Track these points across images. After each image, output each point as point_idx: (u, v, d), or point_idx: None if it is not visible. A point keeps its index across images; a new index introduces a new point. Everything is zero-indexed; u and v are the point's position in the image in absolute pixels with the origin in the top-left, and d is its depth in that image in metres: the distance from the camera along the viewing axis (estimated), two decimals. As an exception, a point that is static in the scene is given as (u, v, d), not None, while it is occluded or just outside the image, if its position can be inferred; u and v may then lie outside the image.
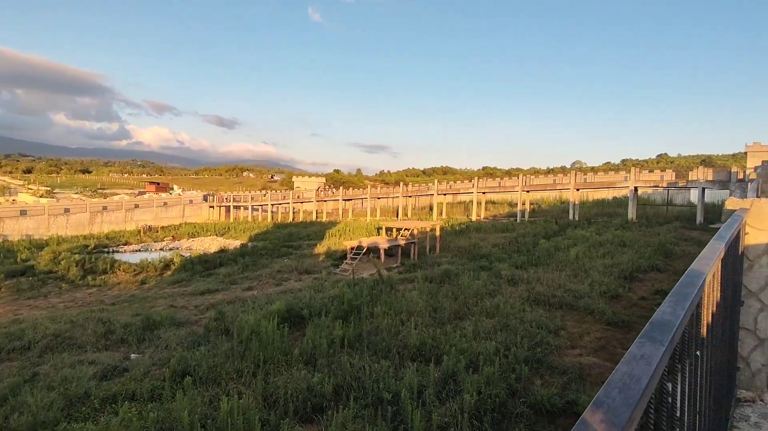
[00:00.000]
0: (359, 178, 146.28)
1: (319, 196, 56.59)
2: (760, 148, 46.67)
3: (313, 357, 8.16)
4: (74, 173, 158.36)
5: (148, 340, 10.61)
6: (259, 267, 23.14)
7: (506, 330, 9.03)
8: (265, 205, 57.80)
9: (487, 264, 17.74)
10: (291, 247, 29.76)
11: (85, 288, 21.62)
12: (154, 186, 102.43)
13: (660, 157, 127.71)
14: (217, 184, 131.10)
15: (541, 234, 24.60)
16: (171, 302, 15.88)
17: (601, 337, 8.95)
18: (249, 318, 10.12)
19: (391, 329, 9.32)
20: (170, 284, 20.90)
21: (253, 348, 8.45)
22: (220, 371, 7.67)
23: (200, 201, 60.34)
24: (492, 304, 10.76)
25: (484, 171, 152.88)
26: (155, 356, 9.21)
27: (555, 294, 11.35)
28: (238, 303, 14.24)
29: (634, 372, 0.68)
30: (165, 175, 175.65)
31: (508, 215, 41.79)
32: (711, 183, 29.95)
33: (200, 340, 10.01)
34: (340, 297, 12.08)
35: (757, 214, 2.57)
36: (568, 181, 37.21)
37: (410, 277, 16.25)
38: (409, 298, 11.88)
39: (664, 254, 17.10)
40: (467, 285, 12.93)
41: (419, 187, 56.79)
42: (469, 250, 22.40)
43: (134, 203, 54.62)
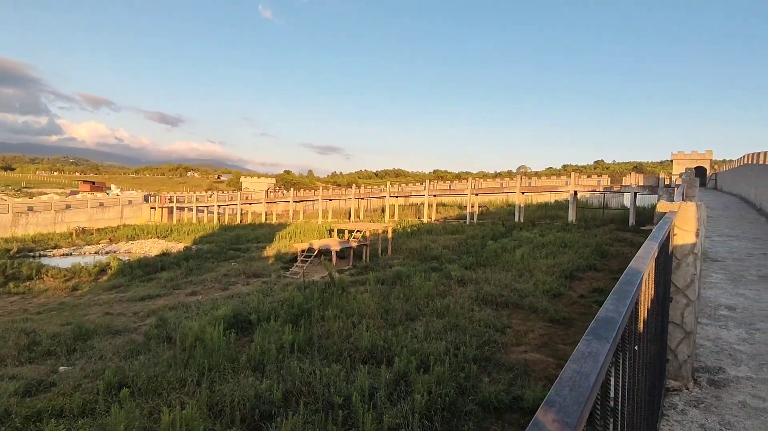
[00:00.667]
0: (311, 179, 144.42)
1: (269, 197, 55.28)
2: (683, 156, 50.99)
3: (262, 363, 7.92)
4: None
5: (80, 351, 9.87)
6: (205, 271, 22.20)
7: (456, 329, 9.22)
8: (211, 206, 55.63)
9: (437, 265, 18.05)
10: (239, 250, 28.81)
11: (6, 296, 19.76)
12: (89, 185, 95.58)
13: (597, 163, 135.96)
14: (159, 183, 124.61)
15: (489, 236, 25.41)
16: (107, 309, 14.86)
17: (544, 334, 9.36)
18: (193, 324, 9.69)
19: (342, 332, 9.24)
20: (106, 290, 19.57)
21: (198, 355, 8.08)
22: (161, 381, 7.27)
23: (141, 201, 57.08)
24: (442, 305, 10.95)
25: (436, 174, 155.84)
26: (88, 368, 8.57)
27: (502, 294, 11.74)
28: (182, 308, 13.58)
29: (583, 370, 0.68)
30: (101, 173, 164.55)
31: (458, 217, 42.82)
32: (642, 188, 32.27)
33: (140, 349, 9.44)
34: (290, 301, 11.83)
35: (683, 216, 2.77)
36: (515, 185, 38.74)
37: (362, 279, 16.22)
38: (361, 300, 11.85)
39: (601, 254, 18.19)
40: (418, 287, 13.09)
41: (372, 189, 56.94)
42: (421, 252, 22.70)
43: (66, 203, 50.73)
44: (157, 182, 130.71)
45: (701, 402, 2.71)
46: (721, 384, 2.92)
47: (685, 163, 48.97)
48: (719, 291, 5.29)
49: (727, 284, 5.63)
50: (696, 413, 2.60)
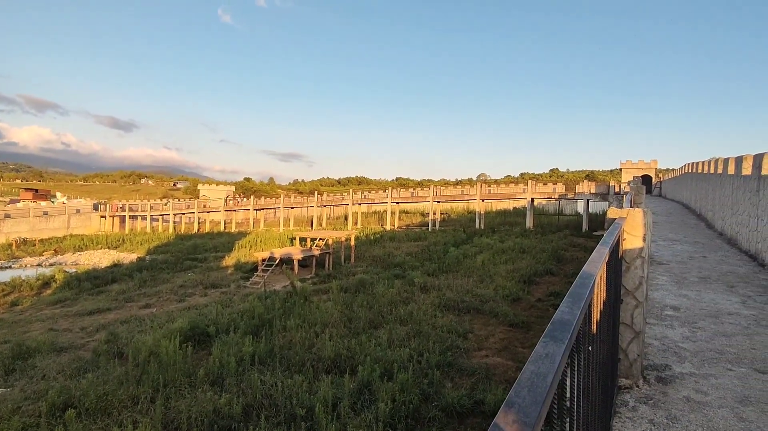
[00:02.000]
0: (272, 186, 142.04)
1: (228, 205, 53.87)
2: (631, 165, 53.98)
3: (221, 376, 7.67)
4: None
5: (20, 371, 9.19)
6: (159, 283, 21.28)
7: (419, 336, 9.28)
8: (166, 214, 53.54)
9: (400, 272, 18.15)
10: (196, 260, 27.84)
11: (-66, 314, 18.13)
12: (32, 193, 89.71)
13: (552, 171, 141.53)
14: (110, 191, 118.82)
15: (451, 243, 25.83)
16: (51, 325, 13.93)
17: (504, 338, 9.59)
18: (147, 338, 9.26)
19: (305, 342, 9.09)
20: (50, 304, 18.35)
21: (152, 371, 7.72)
22: (112, 399, 6.88)
23: (90, 210, 54.16)
24: (406, 312, 11.01)
25: (398, 181, 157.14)
26: (29, 389, 7.99)
27: (464, 300, 11.93)
28: (135, 322, 12.95)
29: (541, 371, 0.71)
30: (45, 180, 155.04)
31: (420, 224, 43.30)
32: (594, 195, 33.86)
33: (88, 366, 8.91)
34: (250, 312, 11.54)
35: (632, 222, 2.93)
36: (475, 192, 39.68)
37: (325, 288, 16.05)
38: (324, 309, 11.72)
39: (557, 259, 18.88)
40: (382, 294, 13.11)
41: (334, 197, 56.66)
42: (384, 259, 22.76)
43: (5, 213, 47.37)
44: (108, 190, 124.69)
45: (650, 398, 2.85)
46: (668, 381, 3.09)
47: (633, 171, 51.90)
48: (665, 292, 5.61)
49: (672, 286, 5.98)
50: (646, 409, 2.73)
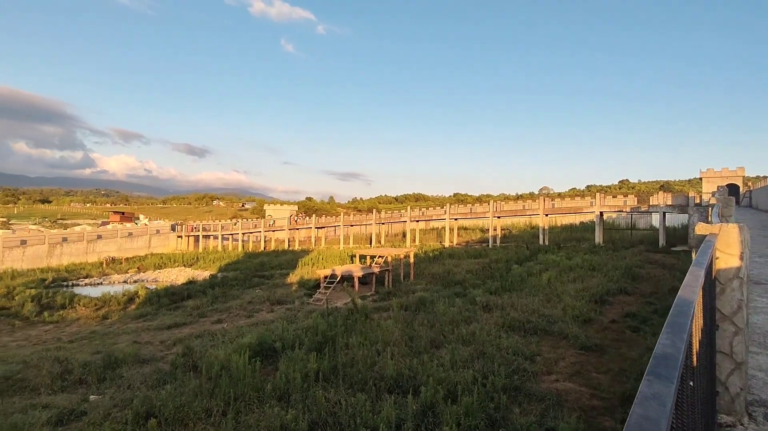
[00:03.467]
0: (332, 205, 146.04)
1: (292, 224, 55.95)
2: (713, 173, 49.53)
3: (287, 392, 7.83)
4: (33, 203, 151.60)
5: (110, 380, 9.98)
6: (230, 299, 22.41)
7: (483, 358, 8.96)
8: (235, 233, 56.61)
9: (461, 290, 17.77)
10: (263, 277, 29.06)
11: (40, 325, 20.32)
12: (119, 216, 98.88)
13: (622, 182, 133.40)
14: (185, 213, 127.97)
15: (514, 260, 24.95)
16: (135, 338, 15.08)
17: (575, 362, 9.01)
18: (219, 352, 9.71)
19: (367, 360, 9.09)
20: (134, 318, 19.92)
21: (223, 384, 8.05)
22: (188, 411, 7.25)
23: (168, 231, 58.57)
24: (468, 331, 10.70)
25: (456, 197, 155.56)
26: (117, 397, 8.64)
27: (530, 320, 11.42)
28: (207, 337, 13.67)
29: (650, 415, 0.64)
30: (131, 204, 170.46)
31: (480, 241, 42.35)
32: (671, 207, 31.34)
33: (166, 378, 9.48)
34: (314, 328, 11.77)
35: (725, 239, 2.66)
36: (537, 207, 38.21)
37: (385, 306, 16.06)
38: (385, 327, 11.70)
39: (631, 277, 17.59)
40: (443, 313, 12.87)
41: (392, 214, 57.05)
42: (443, 277, 22.43)
43: (97, 234, 52.47)
44: (184, 211, 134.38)
45: (757, 438, 2.52)
46: (778, 419, 2.72)
47: (716, 180, 47.54)
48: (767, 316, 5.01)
49: (773, 308, 5.34)
50: (752, 450, 2.41)
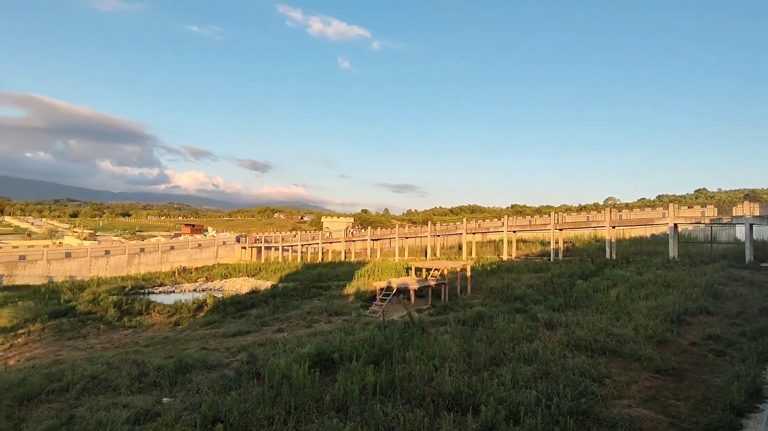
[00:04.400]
0: (387, 217, 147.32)
1: (348, 236, 56.98)
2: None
3: (345, 404, 7.91)
4: (115, 216, 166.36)
5: (180, 383, 10.60)
6: (290, 309, 23.13)
7: (547, 377, 8.56)
8: (295, 245, 58.57)
9: (521, 306, 17.15)
10: (320, 288, 29.75)
11: (121, 329, 22.07)
12: (189, 228, 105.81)
13: (698, 191, 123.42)
14: (249, 225, 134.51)
15: (578, 275, 23.74)
16: (203, 344, 15.95)
17: (650, 386, 8.36)
18: (280, 361, 10.01)
19: (424, 375, 8.99)
20: (203, 325, 21.08)
21: (285, 393, 8.29)
22: (251, 418, 7.51)
23: (233, 242, 61.76)
24: (530, 349, 10.29)
25: (513, 209, 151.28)
26: (187, 400, 9.15)
27: (597, 339, 10.77)
28: (269, 345, 14.16)
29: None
30: (200, 217, 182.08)
31: (541, 254, 40.74)
32: (759, 218, 28.42)
33: (231, 384, 9.91)
34: (370, 341, 11.84)
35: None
36: (603, 219, 36.21)
37: (442, 320, 15.85)
38: (442, 342, 11.52)
39: (713, 295, 16.11)
40: (502, 329, 12.48)
41: (447, 226, 56.46)
42: (502, 291, 21.79)
43: (170, 245, 56.40)
44: (248, 224, 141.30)
45: None
46: None
47: (813, 188, 42.58)
48: None
49: None
50: None
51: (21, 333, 21.58)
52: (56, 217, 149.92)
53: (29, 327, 22.35)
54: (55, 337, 20.71)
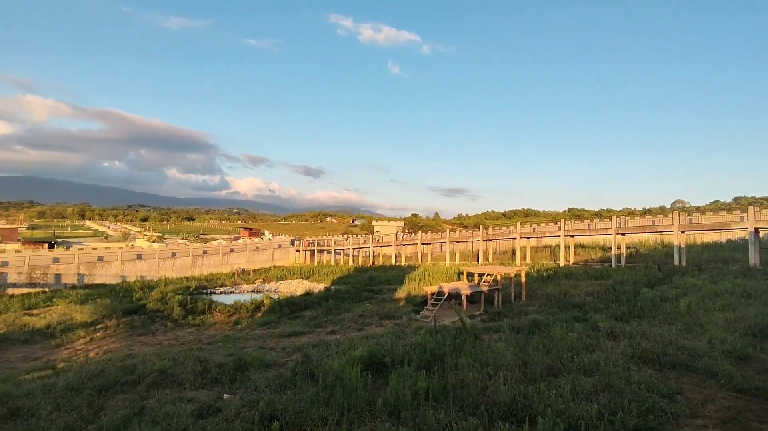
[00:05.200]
0: (437, 221, 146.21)
1: (399, 240, 57.07)
2: None
3: (397, 408, 7.90)
4: (181, 221, 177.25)
5: (240, 381, 11.05)
6: (342, 311, 23.50)
7: (609, 391, 8.09)
8: (346, 249, 59.51)
9: (580, 314, 16.37)
10: (372, 291, 29.99)
11: (186, 327, 23.42)
12: (248, 232, 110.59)
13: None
14: (303, 229, 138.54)
15: (643, 282, 22.30)
16: (261, 343, 16.55)
17: (730, 406, 7.66)
18: (333, 363, 10.17)
19: (477, 383, 8.79)
20: (260, 325, 21.90)
21: (338, 395, 8.41)
22: (306, 417, 7.68)
23: (288, 245, 63.81)
24: (590, 360, 9.78)
25: (571, 212, 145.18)
26: (246, 397, 9.52)
27: (666, 352, 10.05)
28: (323, 346, 14.45)
29: None
30: (257, 221, 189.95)
31: (600, 260, 38.70)
32: None
33: (287, 383, 10.19)
34: (422, 346, 11.76)
35: None
36: (670, 223, 33.80)
37: (495, 326, 15.45)
38: (496, 350, 11.23)
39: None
40: (560, 338, 11.96)
41: (500, 231, 55.07)
42: (559, 299, 20.91)
43: (230, 248, 59.22)
44: (301, 228, 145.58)
45: None
46: None
47: None
48: None
49: None
50: None
51: (99, 328, 23.50)
52: (129, 221, 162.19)
53: (106, 323, 24.28)
54: (128, 333, 22.34)
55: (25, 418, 9.04)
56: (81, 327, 23.62)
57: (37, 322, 24.80)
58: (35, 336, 22.07)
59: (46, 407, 9.48)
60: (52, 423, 8.56)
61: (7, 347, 20.28)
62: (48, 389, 10.74)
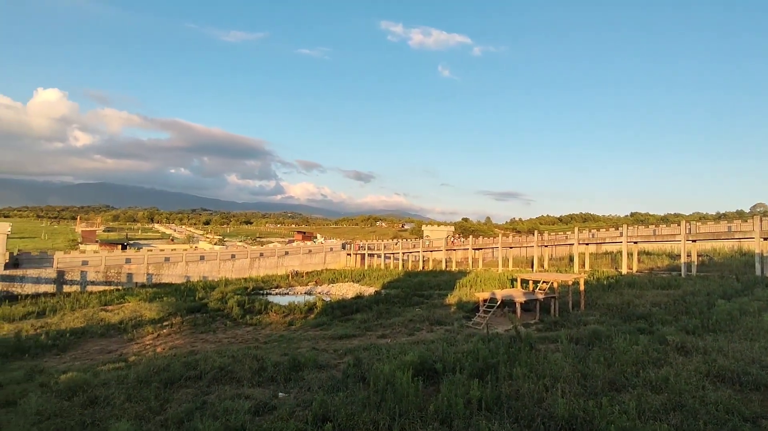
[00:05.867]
0: (489, 226, 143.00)
1: (449, 245, 56.36)
2: None
3: (449, 416, 7.76)
4: (239, 224, 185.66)
5: (294, 380, 11.34)
6: (392, 315, 23.52)
7: (681, 410, 7.50)
8: (396, 253, 59.60)
9: (646, 326, 15.34)
10: (422, 296, 29.80)
11: (244, 326, 24.43)
12: (301, 235, 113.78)
13: None
14: (353, 232, 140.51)
15: (718, 293, 20.54)
16: (313, 344, 16.92)
17: (825, 435, 6.84)
18: (384, 367, 10.18)
19: (533, 394, 8.46)
20: (313, 327, 22.40)
21: (389, 399, 8.40)
22: (358, 420, 7.73)
23: (339, 249, 64.93)
24: (658, 376, 9.12)
25: (633, 217, 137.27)
26: (299, 397, 9.75)
27: (747, 371, 9.17)
28: (373, 350, 14.51)
29: None
30: (310, 225, 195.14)
31: (668, 268, 36.12)
32: None
33: (339, 385, 10.33)
34: (474, 353, 11.51)
35: None
36: (750, 228, 30.93)
37: (552, 336, 14.82)
38: (553, 361, 10.76)
39: None
40: (623, 350, 11.26)
41: (556, 236, 52.92)
42: (622, 309, 19.72)
43: (284, 250, 61.18)
44: (352, 231, 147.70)
45: None
46: None
47: None
48: None
49: None
50: None
51: (166, 324, 25.06)
52: (193, 225, 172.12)
53: (172, 320, 25.85)
54: (191, 330, 23.64)
55: (102, 406, 9.79)
56: (149, 323, 25.30)
57: (112, 318, 26.87)
58: (110, 331, 23.92)
59: (120, 397, 10.23)
60: (124, 412, 9.21)
61: (87, 340, 22.12)
62: (121, 380, 11.58)
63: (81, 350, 19.98)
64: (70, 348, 20.30)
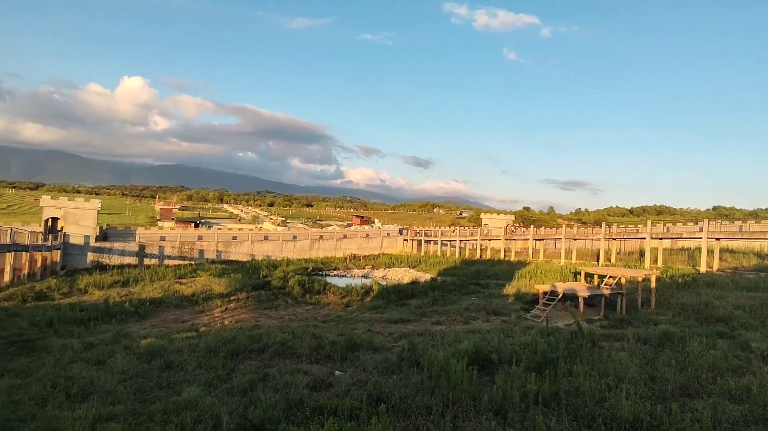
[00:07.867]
0: (552, 216, 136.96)
1: (508, 234, 54.79)
2: None
3: (504, 408, 7.66)
4: (301, 207, 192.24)
5: (350, 360, 11.69)
6: (448, 303, 23.42)
7: (764, 424, 6.87)
8: (453, 240, 58.96)
9: (726, 330, 14.12)
10: (478, 285, 29.37)
11: (304, 305, 25.46)
12: (359, 219, 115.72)
13: None
14: (410, 218, 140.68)
15: (816, 299, 18.39)
16: (369, 327, 17.29)
17: None
18: (438, 354, 10.21)
19: (595, 393, 8.12)
20: (369, 309, 22.87)
21: (442, 386, 8.43)
22: (410, 404, 7.85)
23: (396, 234, 65.36)
24: (738, 385, 8.39)
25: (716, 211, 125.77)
26: (355, 376, 10.05)
27: None
28: (428, 336, 14.58)
29: None
30: (368, 209, 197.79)
31: (756, 269, 32.81)
32: None
33: (393, 368, 10.51)
34: (532, 346, 11.22)
35: None
36: None
37: (617, 334, 14.07)
38: (617, 360, 10.24)
39: None
40: (698, 354, 10.47)
41: (626, 229, 49.69)
42: (698, 310, 18.25)
43: (343, 233, 62.63)
44: (409, 217, 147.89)
45: None
46: None
47: None
48: None
49: None
50: None
51: (233, 299, 26.71)
52: (258, 206, 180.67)
53: (238, 295, 27.50)
54: (256, 305, 25.03)
55: (176, 371, 10.69)
56: (218, 297, 27.10)
57: (185, 290, 29.07)
58: (183, 302, 25.92)
59: (191, 363, 11.11)
60: (195, 378, 10.00)
61: (163, 309, 24.15)
62: (193, 348, 12.55)
63: (158, 318, 21.87)
64: (149, 315, 22.29)
